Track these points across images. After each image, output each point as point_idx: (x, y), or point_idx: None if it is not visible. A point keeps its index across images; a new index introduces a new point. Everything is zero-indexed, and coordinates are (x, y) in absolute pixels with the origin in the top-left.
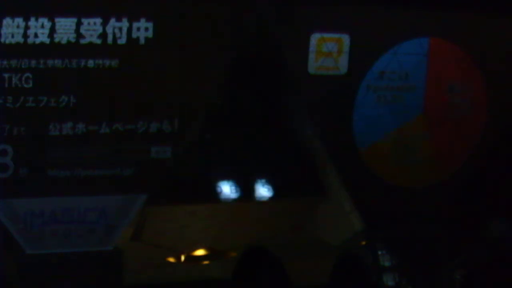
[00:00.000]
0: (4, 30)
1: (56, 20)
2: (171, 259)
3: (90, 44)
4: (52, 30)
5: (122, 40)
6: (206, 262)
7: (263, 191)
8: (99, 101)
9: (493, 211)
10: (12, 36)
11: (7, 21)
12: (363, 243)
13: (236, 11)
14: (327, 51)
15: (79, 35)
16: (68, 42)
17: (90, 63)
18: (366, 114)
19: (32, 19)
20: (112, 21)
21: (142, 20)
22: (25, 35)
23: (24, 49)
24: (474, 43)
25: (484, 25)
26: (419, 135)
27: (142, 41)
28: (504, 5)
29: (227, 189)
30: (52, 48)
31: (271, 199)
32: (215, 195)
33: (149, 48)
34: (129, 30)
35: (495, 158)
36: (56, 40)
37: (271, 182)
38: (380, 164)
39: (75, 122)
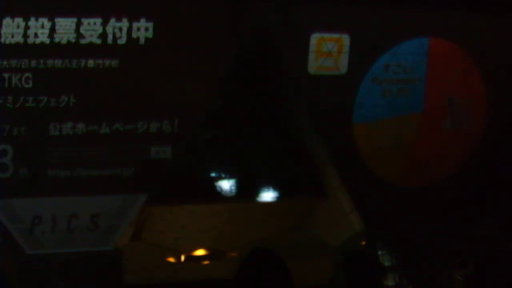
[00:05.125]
0: (4, 30)
1: (56, 20)
2: (171, 259)
3: (90, 44)
4: (52, 30)
5: (122, 40)
6: (206, 262)
7: (263, 191)
8: (99, 101)
9: (485, 213)
10: (12, 36)
11: (7, 21)
12: (363, 243)
13: (236, 11)
14: (327, 51)
15: (79, 35)
16: (68, 42)
17: (90, 63)
18: (366, 113)
19: (32, 19)
20: (112, 21)
21: (142, 20)
22: (25, 35)
23: (24, 49)
24: (474, 42)
25: (484, 25)
26: (418, 133)
27: (142, 41)
28: (504, 5)
29: (227, 189)
30: (52, 48)
31: (271, 199)
32: (215, 195)
33: (149, 48)
34: (129, 30)
35: (495, 158)
36: (56, 40)
37: (271, 182)
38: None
39: (75, 122)
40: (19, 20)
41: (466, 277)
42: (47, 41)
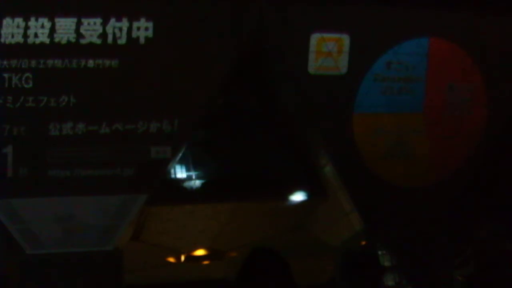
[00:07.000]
0: (4, 30)
1: (56, 20)
2: (171, 259)
3: (90, 44)
4: (52, 30)
5: (122, 40)
6: (206, 262)
7: (263, 191)
8: (99, 101)
9: (488, 213)
10: (12, 36)
11: (7, 21)
12: (363, 243)
13: (236, 11)
14: (327, 51)
15: (79, 35)
16: (68, 42)
17: (90, 63)
18: (366, 113)
19: (32, 19)
20: (112, 21)
21: (142, 20)
22: (25, 35)
23: (24, 49)
24: (474, 42)
25: (484, 24)
26: (418, 132)
27: (142, 40)
28: (504, 5)
29: (227, 189)
30: (52, 48)
31: (271, 199)
32: (215, 195)
33: (149, 47)
34: (129, 30)
35: (495, 158)
36: (56, 40)
37: (271, 182)
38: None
39: (75, 122)
40: (19, 20)
41: (467, 277)
42: (47, 41)
